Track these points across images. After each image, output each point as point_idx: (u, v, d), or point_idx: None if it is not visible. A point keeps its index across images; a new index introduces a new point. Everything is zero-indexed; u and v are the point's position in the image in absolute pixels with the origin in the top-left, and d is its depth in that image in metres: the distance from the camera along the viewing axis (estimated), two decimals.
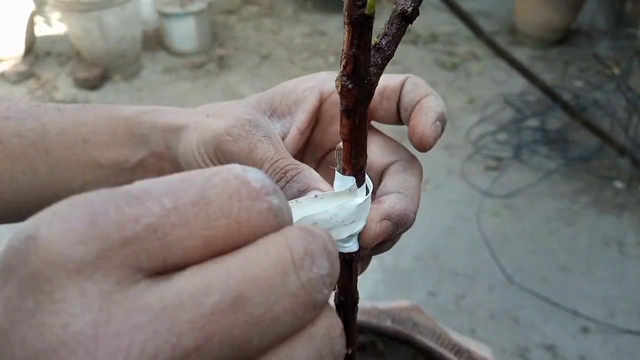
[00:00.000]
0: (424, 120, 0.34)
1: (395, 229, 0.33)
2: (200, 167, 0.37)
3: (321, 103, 0.40)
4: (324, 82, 0.40)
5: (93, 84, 3.32)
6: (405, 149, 0.40)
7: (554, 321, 2.02)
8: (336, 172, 0.31)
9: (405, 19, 0.27)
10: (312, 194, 0.32)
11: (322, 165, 0.43)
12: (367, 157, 0.29)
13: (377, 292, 2.10)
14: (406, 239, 2.33)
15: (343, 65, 0.24)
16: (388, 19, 0.27)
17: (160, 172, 0.42)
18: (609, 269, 2.21)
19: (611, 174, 2.65)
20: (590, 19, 3.71)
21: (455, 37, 3.81)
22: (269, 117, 0.38)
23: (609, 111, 2.97)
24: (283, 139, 0.38)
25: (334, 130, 0.41)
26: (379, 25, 0.24)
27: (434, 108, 0.35)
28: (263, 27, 4.09)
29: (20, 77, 3.39)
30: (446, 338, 0.68)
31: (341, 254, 0.32)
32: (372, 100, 0.38)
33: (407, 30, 0.28)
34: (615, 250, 2.29)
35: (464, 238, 2.35)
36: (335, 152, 0.29)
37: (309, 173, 0.33)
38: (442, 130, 0.36)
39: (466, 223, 2.41)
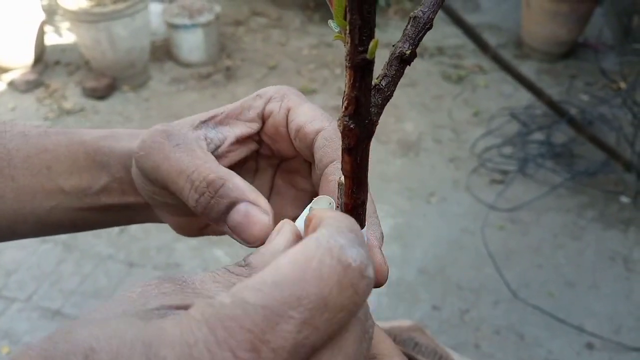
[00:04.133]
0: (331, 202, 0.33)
1: None
2: (141, 188, 0.38)
3: (264, 121, 0.40)
4: (269, 102, 0.40)
5: (101, 94, 3.35)
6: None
7: (559, 337, 2.01)
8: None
9: (403, 61, 0.28)
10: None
11: (279, 171, 0.45)
12: (367, 192, 0.30)
13: (380, 306, 2.09)
14: (411, 252, 2.33)
15: (345, 107, 0.25)
16: (387, 61, 0.28)
17: (123, 195, 0.43)
18: (615, 285, 2.20)
19: (617, 189, 2.64)
20: (597, 32, 3.71)
21: (461, 50, 3.83)
22: (203, 123, 0.38)
23: (615, 126, 2.96)
24: (219, 146, 0.38)
25: (279, 146, 0.41)
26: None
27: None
28: (271, 38, 4.12)
29: (29, 85, 3.42)
30: (448, 359, 0.67)
31: None
32: (290, 130, 0.39)
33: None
34: (621, 266, 2.27)
35: (469, 252, 2.34)
36: (337, 186, 0.30)
37: (234, 184, 0.33)
38: None
39: (471, 236, 2.41)
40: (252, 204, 0.33)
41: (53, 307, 2.11)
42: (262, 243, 0.31)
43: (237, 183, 0.33)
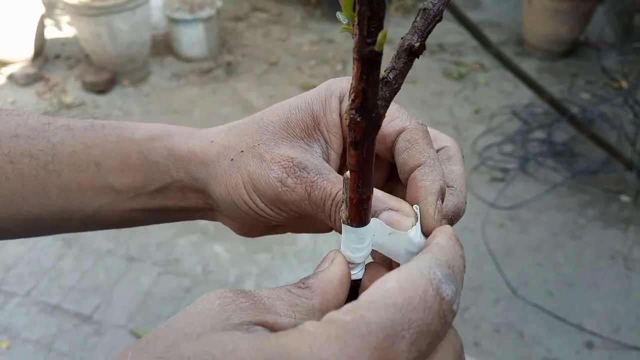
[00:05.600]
0: (425, 209, 0.32)
1: (451, 223, 0.34)
2: (253, 211, 0.38)
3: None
4: (344, 99, 0.39)
5: (101, 88, 3.34)
6: (444, 135, 0.41)
7: (559, 336, 2.01)
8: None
9: (412, 53, 0.28)
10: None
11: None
12: (373, 188, 0.29)
13: None
14: None
15: (352, 99, 0.24)
16: (395, 53, 0.28)
17: (183, 200, 0.41)
18: (615, 283, 2.20)
19: (618, 188, 2.64)
20: (598, 31, 3.71)
21: (462, 47, 3.82)
22: (307, 143, 0.38)
23: (616, 125, 2.96)
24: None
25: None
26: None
27: (430, 189, 0.33)
28: (271, 34, 4.11)
29: (29, 79, 3.41)
30: None
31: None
32: None
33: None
34: (621, 264, 2.27)
35: (469, 249, 2.34)
36: (343, 181, 0.29)
37: (374, 194, 0.33)
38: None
39: (471, 234, 2.41)
40: (394, 211, 0.32)
41: (52, 302, 2.10)
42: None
43: (376, 193, 0.33)
